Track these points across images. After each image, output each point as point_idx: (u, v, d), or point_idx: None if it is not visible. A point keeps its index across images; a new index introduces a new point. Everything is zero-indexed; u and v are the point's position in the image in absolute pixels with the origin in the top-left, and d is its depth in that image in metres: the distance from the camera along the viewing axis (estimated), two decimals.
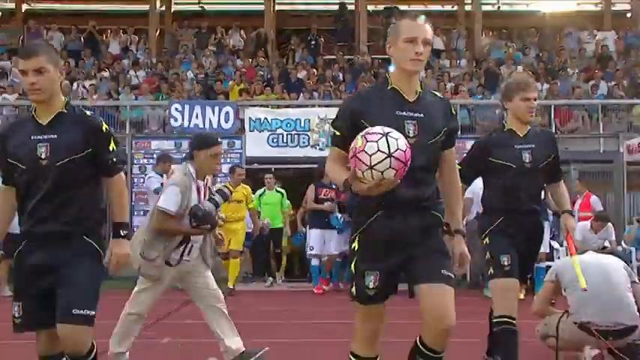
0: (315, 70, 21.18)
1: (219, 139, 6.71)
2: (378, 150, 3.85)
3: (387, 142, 3.88)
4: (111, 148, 4.59)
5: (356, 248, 4.33)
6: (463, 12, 26.29)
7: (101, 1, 26.03)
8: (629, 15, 26.67)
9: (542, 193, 6.39)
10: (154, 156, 15.27)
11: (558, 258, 12.21)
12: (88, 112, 4.69)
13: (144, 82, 20.13)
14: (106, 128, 4.59)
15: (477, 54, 22.91)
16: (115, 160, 4.63)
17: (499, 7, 27.28)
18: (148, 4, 24.61)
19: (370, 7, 25.08)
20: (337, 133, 4.38)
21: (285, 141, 16.85)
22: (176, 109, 17.32)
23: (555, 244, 13.38)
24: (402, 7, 25.51)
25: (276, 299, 13.38)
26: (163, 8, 25.98)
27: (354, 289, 4.34)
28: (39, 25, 23.69)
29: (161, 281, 6.52)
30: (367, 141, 3.90)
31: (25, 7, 26.49)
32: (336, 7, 25.99)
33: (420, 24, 4.36)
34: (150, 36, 24.05)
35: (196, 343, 8.15)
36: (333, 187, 13.56)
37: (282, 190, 15.03)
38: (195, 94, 19.26)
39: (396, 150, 3.88)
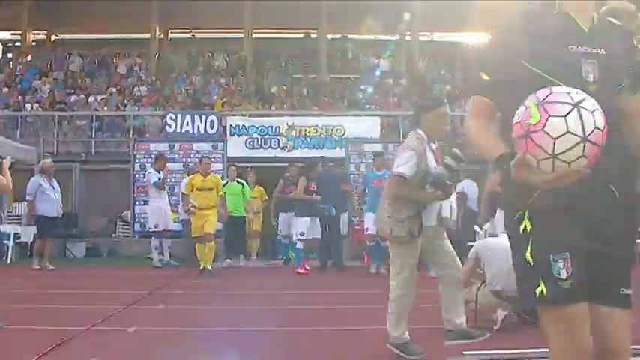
0: (284, 86, 21.16)
1: (444, 100, 5.38)
2: (568, 131, 2.15)
3: (581, 117, 2.16)
4: None
5: (528, 228, 2.46)
6: (404, 41, 26.40)
7: (112, 32, 25.92)
8: None
9: None
10: (152, 156, 15.14)
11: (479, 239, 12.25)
12: None
13: (145, 96, 20.04)
14: None
15: (415, 75, 22.97)
16: None
17: (432, 38, 27.45)
18: (149, 34, 24.64)
19: (329, 36, 25.14)
20: (485, 77, 2.61)
21: (259, 144, 16.74)
22: (171, 117, 17.18)
23: (476, 228, 13.44)
24: (354, 36, 25.79)
25: (253, 274, 13.26)
26: (162, 36, 26.06)
27: (541, 289, 2.41)
28: (64, 51, 23.83)
29: (413, 253, 5.11)
30: (549, 115, 2.17)
31: (53, 37, 26.97)
32: (301, 36, 26.28)
33: None
34: (150, 59, 23.94)
35: (186, 310, 8.13)
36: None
37: (243, 182, 14.05)
38: (187, 105, 19.14)
39: (593, 130, 2.17)
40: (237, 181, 13.89)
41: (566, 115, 2.17)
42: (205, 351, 5.56)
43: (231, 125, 16.89)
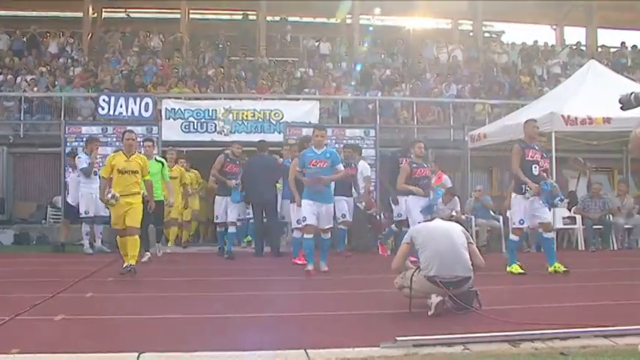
0: (221, 68, 20.92)
1: None
2: None
3: None
4: None
5: None
6: (344, 24, 26.41)
7: (42, 8, 25.20)
8: (471, 34, 27.41)
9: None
10: (84, 139, 14.75)
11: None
12: None
13: (77, 76, 19.54)
14: None
15: (355, 59, 22.98)
16: None
17: (373, 22, 27.51)
18: (82, 12, 23.98)
19: (268, 18, 24.98)
20: None
21: (195, 127, 16.42)
22: (104, 99, 16.71)
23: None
24: (294, 19, 25.68)
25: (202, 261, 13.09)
26: (95, 15, 25.40)
27: None
28: None
29: None
30: None
31: None
32: (240, 17, 26.07)
33: None
34: (83, 38, 23.34)
35: (114, 297, 7.98)
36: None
37: (163, 160, 12.46)
38: (120, 87, 18.75)
39: None
40: (156, 159, 12.21)
41: None
42: (132, 339, 5.44)
43: (166, 108, 16.54)
